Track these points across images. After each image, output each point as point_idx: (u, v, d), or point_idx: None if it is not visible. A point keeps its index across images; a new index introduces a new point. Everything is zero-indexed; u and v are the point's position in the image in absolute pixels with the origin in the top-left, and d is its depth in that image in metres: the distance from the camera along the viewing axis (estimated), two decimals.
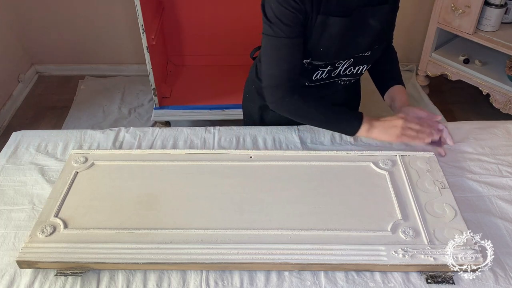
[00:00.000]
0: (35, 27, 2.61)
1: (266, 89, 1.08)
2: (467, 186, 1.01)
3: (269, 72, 1.06)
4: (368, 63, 1.15)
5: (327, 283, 0.82)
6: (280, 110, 1.10)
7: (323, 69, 1.12)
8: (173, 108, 2.22)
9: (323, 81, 1.16)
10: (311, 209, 0.92)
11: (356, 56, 1.10)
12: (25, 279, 0.83)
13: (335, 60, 1.09)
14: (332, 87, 1.19)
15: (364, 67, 1.15)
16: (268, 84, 1.07)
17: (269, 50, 1.04)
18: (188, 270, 0.84)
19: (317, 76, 1.14)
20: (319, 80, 1.15)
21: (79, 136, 1.17)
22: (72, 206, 0.94)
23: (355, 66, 1.13)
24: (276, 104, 1.09)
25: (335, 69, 1.13)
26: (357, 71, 1.15)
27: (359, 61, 1.12)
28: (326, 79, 1.16)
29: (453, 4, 2.14)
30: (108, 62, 2.77)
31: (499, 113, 2.22)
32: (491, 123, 1.21)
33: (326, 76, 1.14)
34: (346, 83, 1.19)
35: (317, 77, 1.14)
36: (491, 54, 2.29)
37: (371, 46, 1.09)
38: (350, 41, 1.05)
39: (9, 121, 2.45)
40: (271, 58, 1.04)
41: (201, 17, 2.39)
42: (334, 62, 1.10)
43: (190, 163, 1.04)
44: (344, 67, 1.12)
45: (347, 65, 1.12)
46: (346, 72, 1.14)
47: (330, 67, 1.12)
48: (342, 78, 1.17)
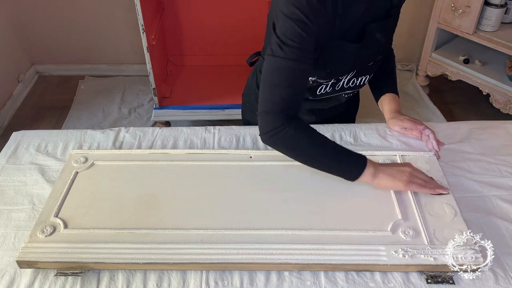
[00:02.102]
0: (35, 27, 2.61)
1: (261, 116, 0.95)
2: (467, 186, 1.01)
3: (267, 96, 0.94)
4: (370, 73, 1.13)
5: (327, 283, 0.82)
6: (272, 143, 0.97)
7: (326, 83, 1.09)
8: (173, 108, 2.22)
9: (327, 95, 1.14)
10: (311, 209, 0.92)
11: (359, 67, 1.09)
12: (25, 279, 0.83)
13: (340, 76, 1.07)
14: (336, 100, 1.18)
15: (366, 77, 1.13)
16: (263, 110, 0.94)
17: (272, 72, 0.92)
18: (188, 270, 0.84)
19: (321, 90, 1.11)
20: (323, 95, 1.13)
21: (79, 136, 1.17)
22: (72, 206, 0.94)
23: (357, 77, 1.11)
24: (268, 136, 0.95)
25: (338, 82, 1.10)
26: (359, 82, 1.13)
27: (361, 72, 1.10)
28: (330, 93, 1.14)
29: (453, 4, 2.14)
30: (108, 62, 2.77)
31: (499, 113, 2.23)
32: (491, 123, 1.21)
33: (330, 90, 1.12)
34: (349, 95, 1.18)
35: (321, 92, 1.12)
36: (491, 54, 2.29)
37: (374, 57, 1.08)
38: (356, 59, 1.03)
39: (9, 121, 2.45)
40: (272, 81, 0.93)
41: (201, 17, 2.39)
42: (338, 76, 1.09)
43: (190, 163, 1.04)
44: (347, 79, 1.10)
45: (350, 77, 1.10)
46: (350, 84, 1.12)
47: (333, 81, 1.09)
48: (346, 91, 1.15)
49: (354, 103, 1.33)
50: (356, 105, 1.36)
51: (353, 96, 1.23)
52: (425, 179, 0.96)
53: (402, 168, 0.96)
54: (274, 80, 0.92)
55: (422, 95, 2.54)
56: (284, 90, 0.92)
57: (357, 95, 1.33)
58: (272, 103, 0.93)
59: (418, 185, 0.94)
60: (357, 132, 1.17)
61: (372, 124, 1.20)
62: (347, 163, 0.95)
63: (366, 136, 1.16)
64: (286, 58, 0.90)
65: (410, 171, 0.95)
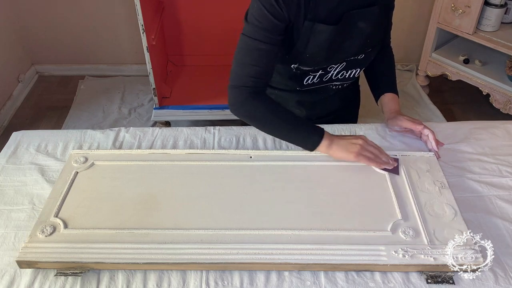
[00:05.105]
0: (35, 27, 2.61)
1: (229, 89, 1.04)
2: (467, 186, 1.01)
3: (235, 72, 1.03)
4: (361, 67, 1.13)
5: (327, 283, 0.82)
6: (238, 114, 1.05)
7: (314, 73, 1.10)
8: (173, 108, 2.22)
9: (315, 85, 1.14)
10: (311, 209, 0.92)
11: (348, 59, 1.09)
12: (25, 279, 0.83)
13: (324, 65, 1.07)
14: (324, 92, 1.18)
15: (357, 70, 1.13)
16: (232, 84, 1.04)
17: (241, 50, 1.01)
18: (188, 270, 0.84)
19: (308, 81, 1.12)
20: (311, 85, 1.14)
21: (79, 136, 1.17)
22: (72, 206, 0.94)
23: (347, 70, 1.11)
24: (235, 107, 1.04)
25: (326, 74, 1.11)
26: (349, 74, 1.13)
27: (351, 65, 1.10)
28: (318, 84, 1.14)
29: (453, 4, 2.14)
30: (108, 62, 2.77)
31: (499, 113, 2.23)
32: (491, 123, 1.21)
33: (318, 80, 1.13)
34: (338, 87, 1.18)
35: (308, 82, 1.13)
36: (491, 54, 2.29)
37: (363, 49, 1.07)
38: (338, 47, 1.03)
39: (9, 121, 2.45)
40: (241, 58, 1.01)
41: (201, 17, 2.39)
42: (325, 67, 1.08)
43: (190, 163, 1.04)
44: (336, 71, 1.10)
45: (339, 69, 1.10)
46: (338, 76, 1.13)
47: (321, 72, 1.10)
48: (334, 83, 1.15)
49: (350, 99, 1.33)
50: (354, 103, 1.35)
51: (344, 90, 1.22)
52: (375, 153, 1.01)
53: (354, 140, 1.01)
54: (242, 57, 1.01)
55: (422, 95, 2.54)
56: (250, 68, 1.00)
57: (354, 91, 1.32)
58: (239, 78, 1.02)
59: (367, 158, 1.00)
60: (357, 132, 1.17)
61: (372, 124, 1.20)
62: (306, 134, 1.02)
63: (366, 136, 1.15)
64: (252, 38, 0.97)
65: (362, 144, 1.01)
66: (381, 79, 1.20)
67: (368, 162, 1.00)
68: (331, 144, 1.01)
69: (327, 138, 1.01)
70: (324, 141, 1.01)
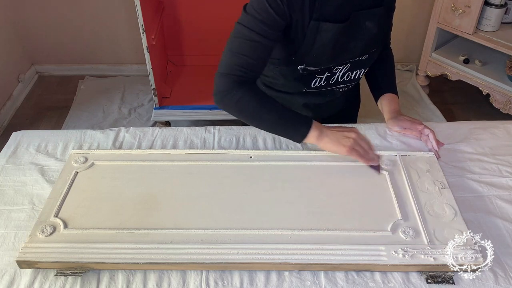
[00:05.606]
0: (35, 27, 2.61)
1: (216, 77, 0.99)
2: (467, 186, 1.01)
3: (225, 60, 0.98)
4: (365, 67, 1.13)
5: (327, 283, 0.82)
6: (222, 104, 1.00)
7: (320, 76, 1.10)
8: (173, 108, 2.22)
9: (322, 88, 1.14)
10: (311, 209, 0.92)
11: (353, 60, 1.09)
12: (25, 279, 0.83)
13: (330, 65, 1.07)
14: (331, 94, 1.18)
15: (361, 71, 1.13)
16: (219, 72, 0.98)
17: (235, 38, 0.96)
18: (188, 270, 0.84)
19: (315, 83, 1.12)
20: (318, 88, 1.14)
21: (79, 136, 1.17)
22: (72, 206, 0.94)
23: (352, 71, 1.11)
24: (220, 96, 0.99)
25: (332, 76, 1.11)
26: (354, 76, 1.13)
27: (356, 66, 1.10)
28: (325, 87, 1.14)
29: (453, 4, 2.14)
30: (108, 62, 2.77)
31: (499, 113, 2.23)
32: (491, 123, 1.21)
33: (325, 83, 1.12)
34: (344, 89, 1.18)
35: (316, 85, 1.12)
36: (491, 54, 2.29)
37: (367, 49, 1.07)
38: (345, 47, 1.02)
39: (9, 121, 2.45)
40: (233, 47, 0.96)
41: (201, 17, 2.39)
42: (331, 68, 1.08)
43: (190, 163, 1.04)
44: (342, 72, 1.10)
45: (345, 70, 1.10)
46: (344, 78, 1.12)
47: (327, 74, 1.09)
48: (341, 86, 1.15)
49: (353, 101, 1.33)
50: (356, 103, 1.36)
51: (350, 93, 1.23)
52: (366, 148, 0.99)
53: (347, 133, 0.98)
54: (234, 46, 0.96)
55: (422, 95, 2.54)
56: (242, 58, 0.96)
57: (356, 92, 1.32)
58: (228, 67, 0.97)
59: (358, 154, 0.97)
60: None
61: (372, 124, 1.20)
62: (293, 126, 0.98)
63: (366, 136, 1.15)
64: (248, 28, 0.94)
65: (355, 138, 0.97)
66: (381, 79, 1.20)
67: (359, 157, 0.97)
68: (321, 135, 0.97)
69: (316, 129, 0.97)
70: (313, 132, 0.97)
